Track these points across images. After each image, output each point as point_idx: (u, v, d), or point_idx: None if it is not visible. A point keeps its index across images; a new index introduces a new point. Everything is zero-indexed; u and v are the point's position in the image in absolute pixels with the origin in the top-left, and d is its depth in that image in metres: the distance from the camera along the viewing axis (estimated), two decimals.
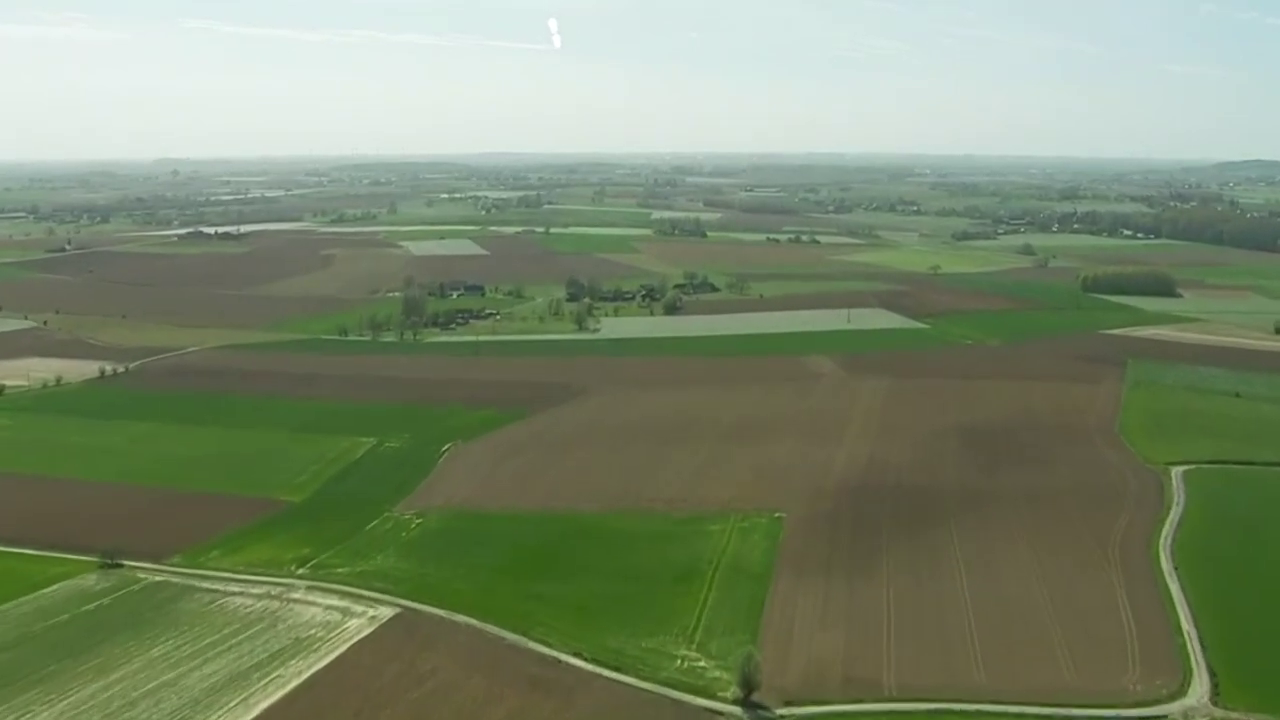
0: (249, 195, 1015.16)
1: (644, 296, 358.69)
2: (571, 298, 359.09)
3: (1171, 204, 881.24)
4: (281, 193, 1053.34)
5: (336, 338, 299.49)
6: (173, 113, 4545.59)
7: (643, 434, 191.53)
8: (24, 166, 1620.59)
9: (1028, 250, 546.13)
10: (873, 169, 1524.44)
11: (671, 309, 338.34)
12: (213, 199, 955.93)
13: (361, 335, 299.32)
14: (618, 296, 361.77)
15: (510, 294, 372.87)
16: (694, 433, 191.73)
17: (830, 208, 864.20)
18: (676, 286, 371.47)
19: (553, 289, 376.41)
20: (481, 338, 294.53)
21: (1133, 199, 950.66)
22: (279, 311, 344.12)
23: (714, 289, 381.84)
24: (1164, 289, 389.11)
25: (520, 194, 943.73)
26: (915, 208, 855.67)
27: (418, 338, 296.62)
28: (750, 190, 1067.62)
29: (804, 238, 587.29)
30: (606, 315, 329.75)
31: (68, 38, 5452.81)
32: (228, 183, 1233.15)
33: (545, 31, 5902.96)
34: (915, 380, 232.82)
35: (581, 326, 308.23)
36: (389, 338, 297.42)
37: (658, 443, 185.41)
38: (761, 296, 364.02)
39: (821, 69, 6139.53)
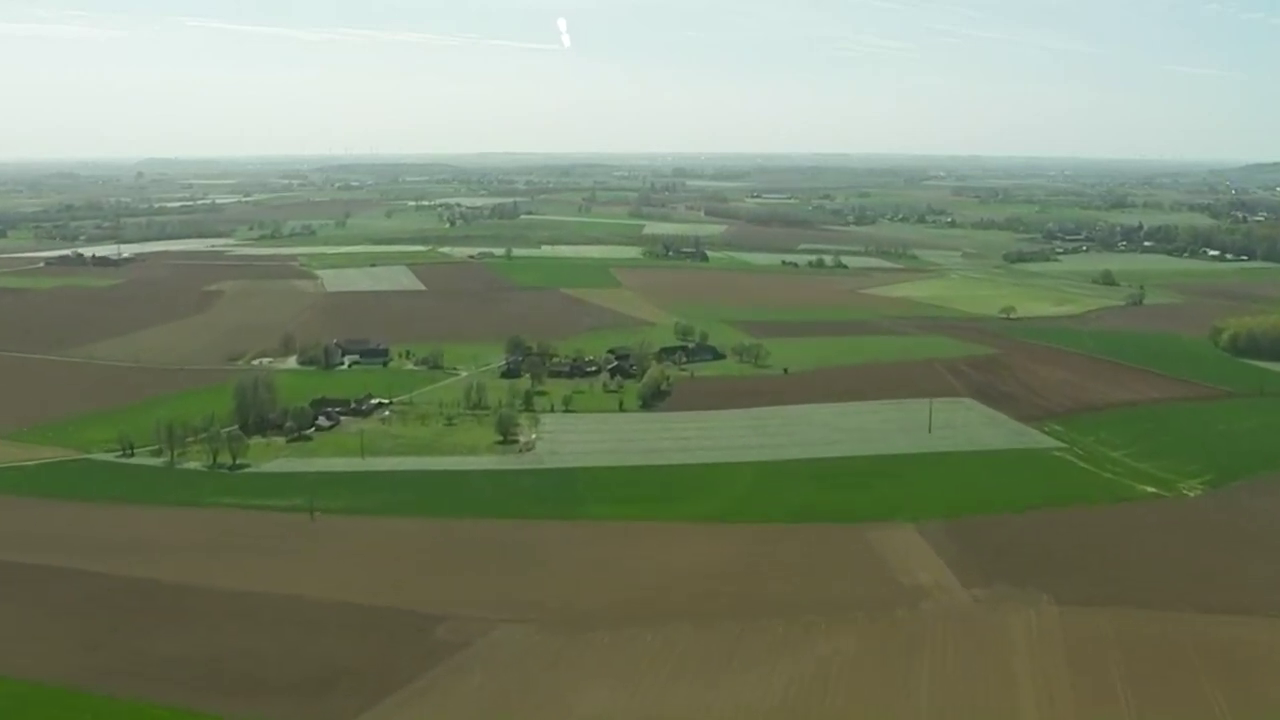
0: (200, 201, 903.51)
1: (613, 371, 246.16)
2: (508, 372, 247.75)
3: (1235, 214, 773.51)
4: (238, 198, 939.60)
5: (111, 458, 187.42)
6: (172, 112, 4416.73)
7: None
8: (7, 167, 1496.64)
9: (1107, 279, 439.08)
10: (883, 171, 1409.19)
11: (652, 396, 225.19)
12: (156, 205, 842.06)
13: (155, 454, 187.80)
14: (575, 370, 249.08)
15: (424, 363, 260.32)
16: None
17: (850, 218, 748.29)
18: (662, 353, 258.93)
19: (489, 351, 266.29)
20: (338, 465, 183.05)
21: (1190, 208, 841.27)
22: (69, 397, 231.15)
23: (716, 355, 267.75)
24: None
25: (498, 201, 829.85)
26: (948, 218, 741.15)
27: (238, 461, 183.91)
28: (757, 196, 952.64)
29: (826, 259, 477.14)
30: (553, 410, 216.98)
31: (65, 35, 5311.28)
32: (189, 186, 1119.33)
33: (547, 30, 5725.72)
34: (1104, 613, 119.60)
35: (507, 438, 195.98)
36: (195, 462, 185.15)
37: None
38: (786, 372, 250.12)
39: (823, 68, 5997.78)
